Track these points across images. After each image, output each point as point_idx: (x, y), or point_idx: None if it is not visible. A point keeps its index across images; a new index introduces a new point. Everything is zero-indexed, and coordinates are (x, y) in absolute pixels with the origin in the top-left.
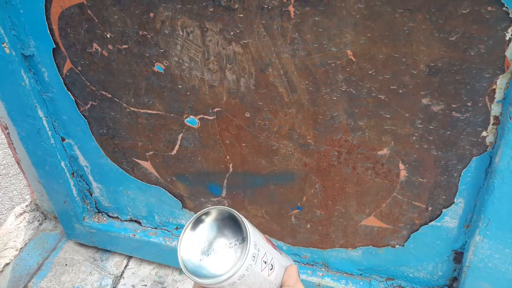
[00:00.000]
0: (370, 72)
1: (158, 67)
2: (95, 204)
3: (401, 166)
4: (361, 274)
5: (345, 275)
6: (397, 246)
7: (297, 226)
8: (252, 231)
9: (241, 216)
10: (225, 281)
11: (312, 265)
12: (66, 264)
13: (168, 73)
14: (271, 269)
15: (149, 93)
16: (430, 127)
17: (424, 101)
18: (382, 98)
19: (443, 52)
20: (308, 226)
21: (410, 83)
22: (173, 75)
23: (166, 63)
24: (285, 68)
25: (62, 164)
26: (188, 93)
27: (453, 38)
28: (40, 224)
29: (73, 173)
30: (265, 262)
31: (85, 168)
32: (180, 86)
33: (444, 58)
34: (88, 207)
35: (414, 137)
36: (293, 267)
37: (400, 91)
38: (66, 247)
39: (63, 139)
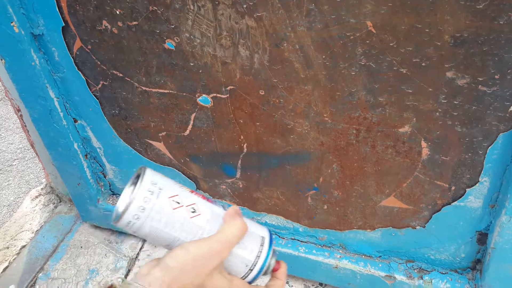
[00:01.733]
0: (391, 44)
1: (169, 44)
2: (109, 186)
3: (423, 144)
4: (380, 256)
5: (363, 257)
6: (417, 227)
7: (314, 207)
8: (149, 172)
9: (145, 167)
10: (125, 214)
11: (330, 247)
12: (81, 247)
13: (179, 50)
14: (193, 212)
15: (161, 71)
16: (455, 102)
17: (449, 74)
18: (404, 72)
19: (470, 22)
20: (325, 207)
21: (433, 56)
22: (184, 52)
23: (177, 39)
24: (300, 42)
25: (75, 145)
26: (200, 71)
27: (481, 6)
28: (55, 207)
29: (86, 155)
30: (178, 203)
31: (98, 150)
32: (191, 64)
33: (470, 28)
34: (102, 189)
35: (437, 113)
36: (231, 208)
37: (423, 64)
38: (81, 229)
39: (75, 120)
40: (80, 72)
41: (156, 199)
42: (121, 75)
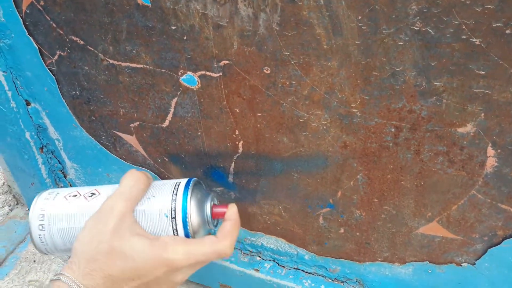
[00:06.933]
0: None
1: None
2: None
3: (490, 151)
4: None
5: None
6: (464, 264)
7: (326, 230)
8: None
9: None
10: (31, 229)
11: (343, 281)
12: (34, 261)
13: (157, 7)
14: (91, 196)
15: (132, 37)
16: None
17: None
18: (477, 43)
19: None
20: (342, 230)
21: None
22: (164, 10)
23: None
24: None
25: (27, 135)
26: (185, 38)
27: None
28: (11, 210)
29: (41, 148)
30: (75, 195)
31: (56, 142)
32: (173, 28)
33: None
34: None
35: None
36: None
37: (508, 31)
38: None
39: (27, 103)
40: (31, 38)
41: (53, 201)
42: (82, 42)
